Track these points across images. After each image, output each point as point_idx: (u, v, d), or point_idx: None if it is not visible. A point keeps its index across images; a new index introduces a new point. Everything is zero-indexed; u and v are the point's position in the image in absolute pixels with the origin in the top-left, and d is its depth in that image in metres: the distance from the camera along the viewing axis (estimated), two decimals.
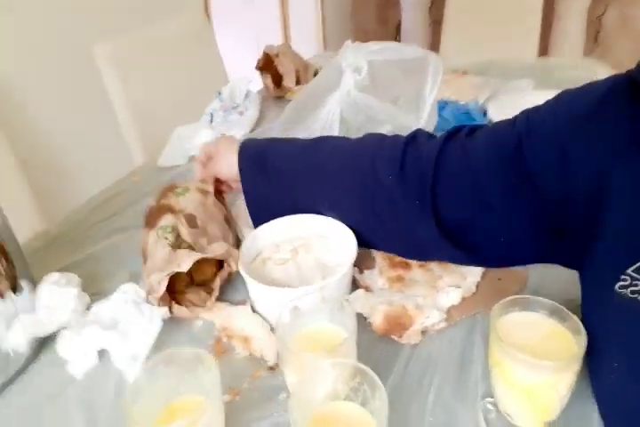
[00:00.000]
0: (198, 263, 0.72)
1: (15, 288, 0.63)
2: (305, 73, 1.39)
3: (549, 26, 2.76)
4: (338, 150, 0.68)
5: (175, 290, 0.69)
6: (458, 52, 2.36)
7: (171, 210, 0.75)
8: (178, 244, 0.71)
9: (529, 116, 0.54)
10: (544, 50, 2.70)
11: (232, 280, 0.72)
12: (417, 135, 0.64)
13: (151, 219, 0.75)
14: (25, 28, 1.42)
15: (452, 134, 0.60)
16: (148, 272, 0.68)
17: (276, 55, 1.36)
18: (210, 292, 0.70)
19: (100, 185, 1.00)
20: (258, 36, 3.04)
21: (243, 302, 0.68)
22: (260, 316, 0.66)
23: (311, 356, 0.47)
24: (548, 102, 0.53)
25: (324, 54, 2.06)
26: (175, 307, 0.66)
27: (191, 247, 0.69)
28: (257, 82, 1.38)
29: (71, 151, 1.56)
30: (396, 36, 3.42)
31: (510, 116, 0.58)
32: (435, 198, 0.58)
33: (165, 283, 0.65)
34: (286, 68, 1.34)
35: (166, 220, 0.73)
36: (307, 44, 3.09)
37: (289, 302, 0.54)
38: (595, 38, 3.00)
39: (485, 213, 0.55)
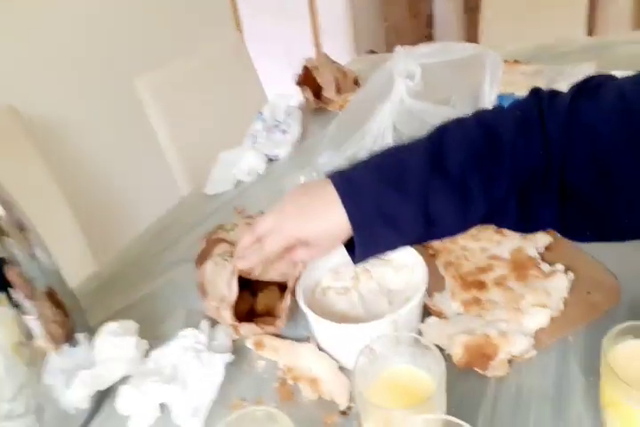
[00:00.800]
0: (261, 291, 0.69)
1: (72, 341, 0.60)
2: (344, 81, 1.34)
3: (593, 2, 2.61)
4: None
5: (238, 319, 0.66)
6: (499, 40, 2.25)
7: (224, 241, 0.73)
8: None
9: None
10: (590, 30, 2.55)
11: (293, 314, 0.67)
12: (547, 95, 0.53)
13: (204, 254, 0.72)
14: (65, 64, 1.44)
15: (580, 90, 0.51)
16: (213, 297, 0.65)
17: (316, 67, 1.32)
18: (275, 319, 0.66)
19: (148, 218, 0.99)
20: (288, 42, 3.01)
21: (306, 339, 0.64)
22: (327, 353, 0.61)
23: (397, 413, 0.42)
24: None
25: (360, 59, 2.01)
26: (244, 325, 0.63)
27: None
28: (296, 97, 1.35)
29: (117, 186, 1.57)
30: (429, 28, 3.32)
31: None
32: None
33: (236, 282, 0.62)
34: (325, 80, 1.29)
35: (221, 248, 0.71)
36: (339, 44, 3.04)
37: (359, 339, 0.49)
38: None
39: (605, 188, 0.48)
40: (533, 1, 2.22)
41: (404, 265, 0.66)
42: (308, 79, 1.33)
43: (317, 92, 1.32)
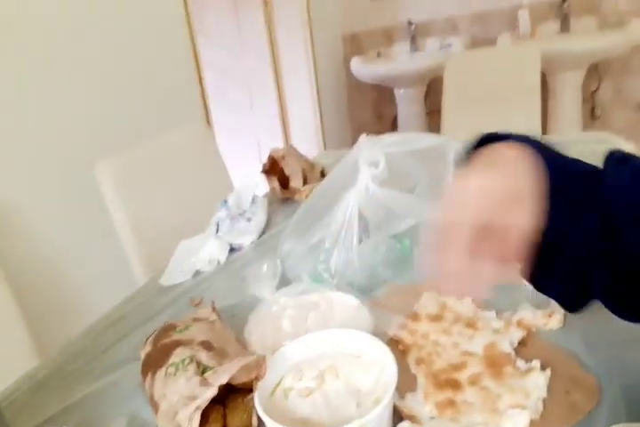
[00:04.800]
0: (230, 405, 0.61)
1: None
2: (311, 173, 1.36)
3: (544, 105, 2.81)
4: None
5: None
6: (459, 139, 2.36)
7: (180, 343, 0.66)
8: (201, 372, 0.61)
9: None
10: (542, 129, 2.72)
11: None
12: None
13: (153, 361, 0.65)
14: (23, 146, 1.42)
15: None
16: (167, 417, 0.57)
17: (282, 157, 1.33)
18: None
19: (99, 310, 0.92)
20: (259, 140, 3.11)
21: None
22: None
23: None
24: None
25: (327, 153, 2.07)
26: None
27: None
28: (262, 186, 1.35)
29: (68, 275, 1.50)
30: (392, 129, 3.50)
31: None
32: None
33: (198, 418, 0.54)
34: (292, 169, 1.30)
35: (178, 355, 0.63)
36: (307, 144, 3.16)
37: None
38: (591, 114, 3.05)
39: None
40: (489, 104, 2.37)
41: (372, 362, 0.61)
42: (274, 169, 1.34)
43: (284, 182, 1.33)
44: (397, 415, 0.58)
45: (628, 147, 1.27)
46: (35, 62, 1.48)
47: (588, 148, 1.32)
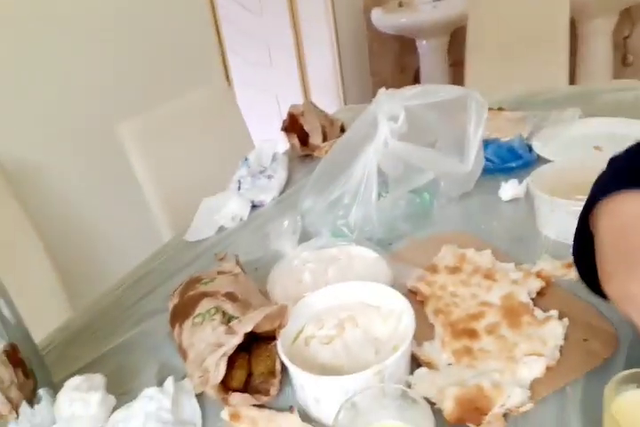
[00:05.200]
0: (255, 353, 0.64)
1: (33, 399, 0.56)
2: (331, 129, 1.34)
3: (574, 53, 2.70)
4: None
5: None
6: (484, 90, 2.30)
7: (206, 295, 0.68)
8: (226, 321, 0.63)
9: None
10: (571, 78, 2.63)
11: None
12: None
13: (180, 312, 0.68)
14: (45, 108, 1.44)
15: None
16: (195, 364, 0.60)
17: (301, 114, 1.32)
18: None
19: (128, 266, 0.95)
20: (278, 95, 3.08)
21: (290, 408, 0.58)
22: (312, 413, 0.56)
23: None
24: None
25: (347, 108, 2.04)
26: (235, 396, 0.58)
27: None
28: (282, 143, 1.34)
29: (96, 233, 1.54)
30: (415, 82, 3.41)
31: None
32: None
33: (224, 364, 0.57)
34: (312, 126, 1.29)
35: (204, 305, 0.66)
36: (327, 99, 3.10)
37: (342, 392, 0.45)
38: (622, 61, 2.93)
39: None
40: (515, 53, 2.29)
41: (391, 312, 0.63)
42: (294, 126, 1.33)
43: (303, 138, 1.32)
44: (415, 363, 0.60)
45: None
46: (55, 22, 1.47)
47: (618, 96, 1.28)
